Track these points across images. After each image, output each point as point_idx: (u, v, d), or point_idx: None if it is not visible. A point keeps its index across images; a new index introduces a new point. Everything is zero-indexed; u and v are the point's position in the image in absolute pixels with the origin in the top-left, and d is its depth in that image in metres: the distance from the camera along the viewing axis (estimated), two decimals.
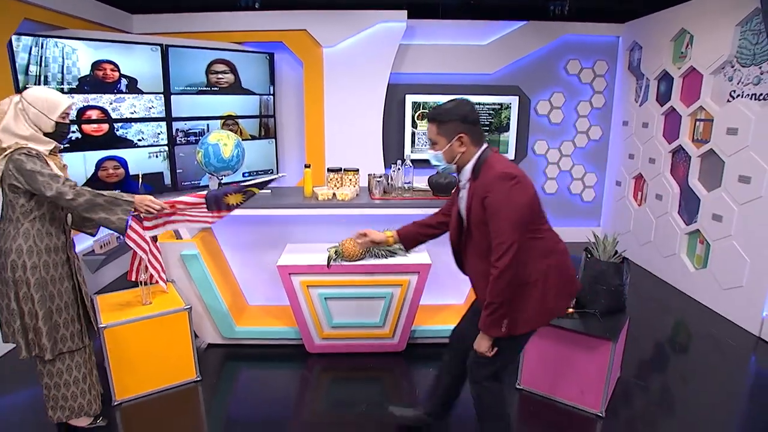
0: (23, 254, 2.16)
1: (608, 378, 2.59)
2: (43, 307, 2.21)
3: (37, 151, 2.15)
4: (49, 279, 2.23)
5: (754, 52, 3.65)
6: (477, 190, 1.92)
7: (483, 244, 1.93)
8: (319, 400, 2.89)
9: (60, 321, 2.28)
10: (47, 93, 2.22)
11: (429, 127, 2.01)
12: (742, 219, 3.73)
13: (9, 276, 2.17)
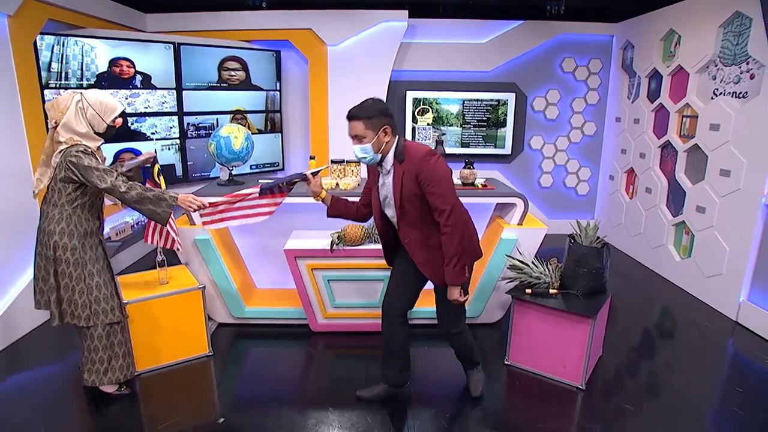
0: (65, 236, 2.44)
1: (588, 352, 2.81)
2: (80, 282, 2.48)
3: (90, 148, 2.43)
4: (87, 259, 2.50)
5: (734, 53, 3.85)
6: (407, 170, 2.24)
7: (415, 215, 2.30)
8: (321, 375, 3.13)
9: (100, 296, 2.54)
10: (106, 97, 2.49)
11: (353, 125, 2.28)
12: (723, 210, 3.94)
13: (51, 254, 2.44)
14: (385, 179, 2.38)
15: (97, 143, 2.49)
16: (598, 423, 2.63)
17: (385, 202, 2.44)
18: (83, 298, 2.50)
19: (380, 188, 2.43)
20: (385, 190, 2.40)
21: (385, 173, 2.38)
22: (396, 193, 2.30)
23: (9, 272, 3.39)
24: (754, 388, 2.96)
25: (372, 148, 2.28)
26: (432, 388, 2.93)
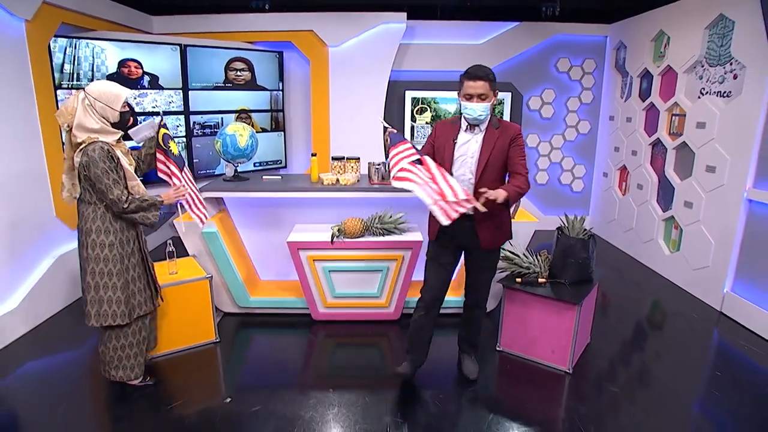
0: (102, 233, 2.52)
1: (574, 338, 2.98)
2: (122, 278, 2.58)
3: (108, 146, 2.45)
4: (125, 254, 2.60)
5: (719, 54, 4.00)
6: (503, 135, 2.55)
7: (491, 177, 2.57)
8: (322, 361, 3.29)
9: (135, 289, 2.68)
10: (109, 86, 2.48)
11: (482, 84, 2.45)
12: (709, 205, 4.10)
13: (89, 253, 2.53)
14: (470, 139, 2.58)
15: (115, 136, 2.50)
16: (584, 405, 2.79)
17: (461, 160, 2.59)
18: (125, 293, 2.61)
19: (457, 146, 2.59)
20: (467, 149, 2.58)
21: (467, 131, 2.58)
22: (486, 152, 2.54)
23: (23, 266, 3.56)
24: (732, 372, 3.12)
25: (488, 108, 2.50)
26: (426, 372, 3.08)
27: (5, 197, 3.33)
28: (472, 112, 2.51)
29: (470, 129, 2.60)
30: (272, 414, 2.65)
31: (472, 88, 2.48)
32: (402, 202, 3.69)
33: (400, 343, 3.47)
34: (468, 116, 2.54)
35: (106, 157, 2.42)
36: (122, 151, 2.57)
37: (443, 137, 2.65)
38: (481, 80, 2.46)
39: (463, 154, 2.60)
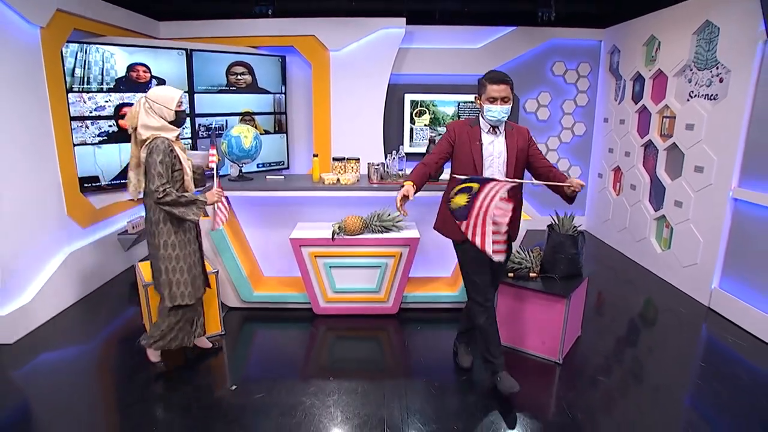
0: (167, 223, 2.78)
1: (564, 330, 3.12)
2: (186, 263, 2.87)
3: (169, 141, 2.71)
4: (185, 241, 2.86)
5: (706, 58, 4.15)
6: (519, 134, 2.73)
7: (519, 172, 2.73)
8: (323, 352, 3.43)
9: (195, 273, 2.94)
10: (164, 90, 2.77)
11: (506, 89, 2.59)
12: (697, 204, 4.23)
13: (156, 242, 2.80)
14: (495, 139, 2.70)
15: (174, 133, 2.77)
16: (572, 393, 2.92)
17: (489, 160, 2.69)
18: (186, 277, 2.87)
19: (484, 147, 2.69)
20: (493, 150, 2.69)
21: (489, 132, 2.70)
22: (512, 151, 2.69)
23: (36, 263, 3.71)
24: (717, 364, 3.26)
25: (509, 112, 2.64)
26: (423, 362, 3.24)
27: (19, 196, 3.48)
28: (496, 114, 2.61)
29: (492, 131, 2.70)
30: (275, 400, 2.79)
31: (496, 92, 2.58)
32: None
33: (398, 337, 3.61)
34: (492, 118, 2.63)
35: (165, 151, 2.68)
36: (180, 147, 2.83)
37: (464, 138, 2.71)
38: (504, 84, 2.59)
39: (490, 155, 2.70)
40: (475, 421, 2.65)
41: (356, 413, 2.68)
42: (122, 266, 4.81)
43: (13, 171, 3.41)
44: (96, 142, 4.45)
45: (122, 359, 3.27)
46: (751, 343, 3.50)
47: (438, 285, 4.01)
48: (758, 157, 3.61)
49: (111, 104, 4.51)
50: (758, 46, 3.54)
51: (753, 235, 3.67)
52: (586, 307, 3.68)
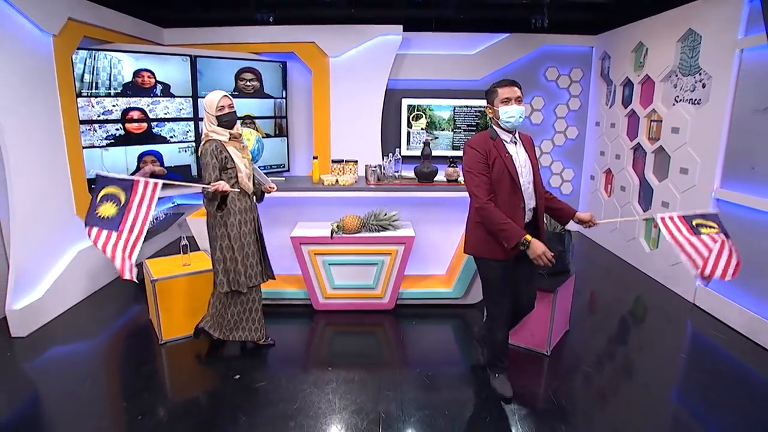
0: (225, 214, 2.99)
1: (551, 323, 3.27)
2: (241, 253, 3.07)
3: (220, 144, 2.94)
4: (242, 233, 3.07)
5: (690, 65, 4.32)
6: (527, 142, 2.75)
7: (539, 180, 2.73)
8: (323, 345, 3.59)
9: (252, 263, 3.14)
10: (209, 95, 2.99)
11: (516, 89, 2.60)
12: (683, 204, 4.39)
13: (215, 233, 3.03)
14: (517, 148, 2.66)
15: (224, 135, 2.97)
16: (559, 382, 3.08)
17: (522, 170, 2.62)
18: (244, 265, 3.09)
19: (514, 158, 2.61)
20: (519, 159, 2.63)
21: (511, 142, 2.65)
22: (533, 158, 2.70)
23: (47, 260, 3.87)
24: (696, 355, 3.42)
25: (524, 114, 2.65)
26: (417, 354, 3.39)
27: (31, 196, 3.64)
28: (515, 114, 2.55)
29: (512, 138, 2.65)
30: (276, 388, 2.95)
31: (509, 93, 2.56)
32: (396, 201, 4.00)
33: (394, 331, 3.76)
34: (510, 119, 2.57)
35: (213, 153, 2.92)
36: (236, 147, 3.04)
37: (493, 153, 2.60)
38: (515, 85, 2.60)
39: (521, 165, 2.63)
40: (465, 407, 2.81)
41: (353, 400, 2.83)
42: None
43: (27, 172, 3.58)
44: (103, 144, 4.62)
45: (129, 352, 3.43)
46: (730, 337, 3.66)
47: (432, 282, 4.17)
48: (737, 159, 3.78)
49: (118, 108, 4.68)
50: (735, 53, 3.71)
51: (733, 234, 3.81)
52: (576, 304, 3.85)
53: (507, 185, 2.59)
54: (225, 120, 2.99)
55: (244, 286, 3.11)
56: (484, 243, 2.70)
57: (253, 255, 3.16)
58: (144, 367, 3.19)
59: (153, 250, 5.43)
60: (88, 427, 2.61)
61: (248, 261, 3.13)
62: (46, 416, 2.74)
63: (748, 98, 3.66)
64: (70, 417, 2.69)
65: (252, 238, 3.15)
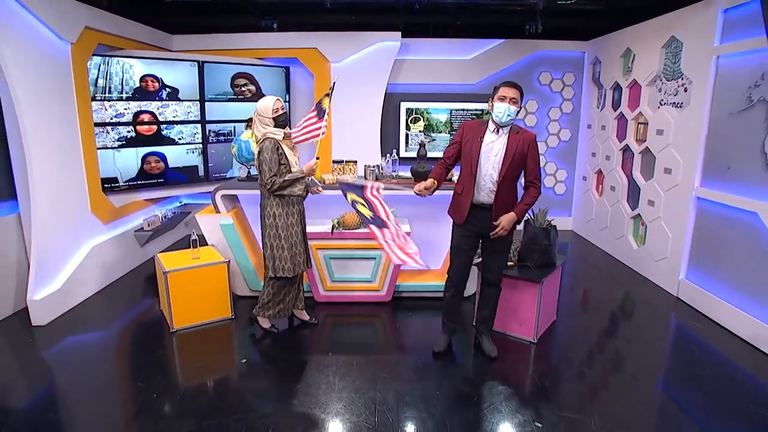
0: (274, 207, 3.37)
1: (538, 312, 3.49)
2: (288, 242, 3.42)
3: (275, 140, 3.27)
4: (289, 224, 3.43)
5: (673, 70, 4.55)
6: (522, 139, 3.01)
7: (511, 174, 3.04)
8: (323, 334, 3.81)
9: (296, 251, 3.48)
10: (262, 101, 3.34)
11: (515, 91, 2.96)
12: (667, 203, 4.62)
13: (265, 222, 3.40)
14: (496, 139, 3.02)
15: (279, 134, 3.31)
16: (544, 366, 3.30)
17: (486, 156, 3.01)
18: (290, 253, 3.43)
19: (484, 145, 3.02)
20: (491, 148, 3.01)
21: (497, 135, 3.02)
22: (509, 154, 2.99)
23: (63, 254, 4.11)
24: (676, 344, 3.64)
25: (515, 114, 2.98)
26: (412, 343, 3.61)
27: (51, 194, 3.88)
28: (502, 111, 2.92)
29: (497, 131, 3.01)
30: (280, 371, 3.18)
31: (506, 92, 2.94)
32: (393, 199, 4.20)
33: (391, 322, 3.98)
34: (498, 115, 2.94)
35: (273, 149, 3.26)
36: (288, 146, 3.38)
37: (470, 135, 3.06)
38: (515, 88, 2.97)
39: (488, 153, 3.01)
40: (455, 388, 3.03)
41: (351, 381, 3.05)
42: (139, 260, 5.21)
43: (47, 171, 3.82)
44: (115, 146, 4.86)
45: (142, 340, 3.66)
46: (707, 326, 3.87)
47: (428, 276, 4.40)
48: (715, 159, 4.00)
49: (129, 111, 4.93)
50: (712, 60, 3.94)
51: (713, 230, 4.05)
52: (565, 297, 4.07)
53: (467, 165, 3.09)
54: (281, 120, 3.35)
55: (290, 271, 3.44)
56: (451, 206, 3.29)
57: (299, 245, 3.49)
58: (157, 353, 3.42)
59: (161, 246, 5.66)
60: (108, 403, 2.84)
61: (294, 250, 3.45)
62: (70, 393, 2.97)
63: (724, 102, 3.88)
64: (91, 395, 2.91)
65: (298, 229, 3.49)
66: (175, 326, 3.69)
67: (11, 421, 2.66)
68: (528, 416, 2.73)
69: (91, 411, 2.76)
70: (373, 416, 2.71)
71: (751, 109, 3.58)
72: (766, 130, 3.45)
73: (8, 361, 3.34)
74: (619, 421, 2.68)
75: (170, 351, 3.48)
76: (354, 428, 2.61)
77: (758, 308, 3.53)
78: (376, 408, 2.78)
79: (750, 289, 3.62)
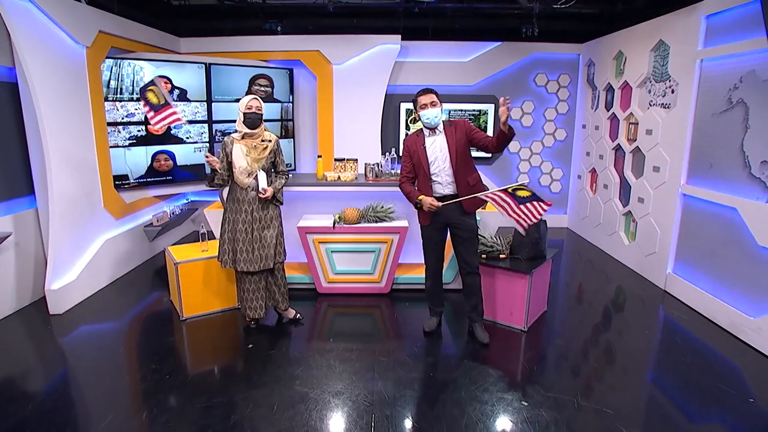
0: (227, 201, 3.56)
1: (528, 302, 3.69)
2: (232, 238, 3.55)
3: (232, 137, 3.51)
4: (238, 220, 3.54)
5: (661, 72, 4.74)
6: (458, 128, 3.35)
7: (463, 161, 3.34)
8: (325, 323, 4.02)
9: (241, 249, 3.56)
10: (244, 97, 3.47)
11: (432, 96, 3.30)
12: (656, 200, 4.80)
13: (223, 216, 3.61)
14: (434, 140, 3.34)
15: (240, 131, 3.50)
16: (532, 351, 3.50)
17: (434, 156, 3.33)
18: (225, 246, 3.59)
19: (428, 149, 3.34)
20: (435, 149, 3.33)
21: (433, 135, 3.36)
22: (452, 145, 3.31)
23: (79, 247, 4.33)
24: (660, 333, 3.83)
25: (440, 112, 3.31)
26: (409, 331, 3.81)
27: (68, 190, 4.10)
28: (430, 116, 3.30)
29: (432, 133, 3.35)
30: (284, 355, 3.39)
31: (425, 99, 3.31)
32: (392, 195, 4.42)
33: (390, 313, 4.18)
34: (427, 121, 3.32)
35: (222, 146, 3.54)
36: (248, 145, 3.48)
37: (414, 147, 3.40)
38: (430, 92, 3.31)
39: (434, 153, 3.35)
40: (448, 371, 3.23)
41: (351, 364, 3.25)
42: (148, 254, 5.43)
43: (64, 168, 4.03)
44: (126, 144, 5.08)
45: (154, 327, 3.87)
46: (692, 317, 4.06)
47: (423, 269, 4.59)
48: (700, 158, 4.19)
49: (140, 112, 5.14)
50: (696, 63, 4.13)
51: (698, 225, 4.23)
52: (557, 290, 4.26)
53: (422, 172, 3.40)
54: (248, 118, 3.45)
55: (226, 264, 3.57)
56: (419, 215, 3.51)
57: (243, 242, 3.53)
58: (168, 339, 3.63)
59: (169, 242, 5.87)
60: (125, 381, 3.06)
61: (238, 246, 3.53)
62: (88, 374, 3.18)
63: (707, 103, 4.07)
64: (108, 375, 3.13)
65: (244, 227, 3.52)
66: (185, 314, 3.90)
67: (36, 399, 2.87)
68: (515, 396, 2.93)
69: (109, 389, 2.98)
70: (371, 395, 2.91)
71: (731, 110, 3.77)
72: (744, 130, 3.64)
73: (29, 346, 3.56)
74: (598, 400, 2.88)
75: (181, 337, 3.69)
76: (353, 405, 2.81)
77: (736, 298, 3.72)
78: (374, 388, 2.98)
79: (729, 280, 3.81)
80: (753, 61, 3.56)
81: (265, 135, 3.57)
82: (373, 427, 2.62)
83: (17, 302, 4.04)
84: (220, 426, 2.61)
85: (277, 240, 3.65)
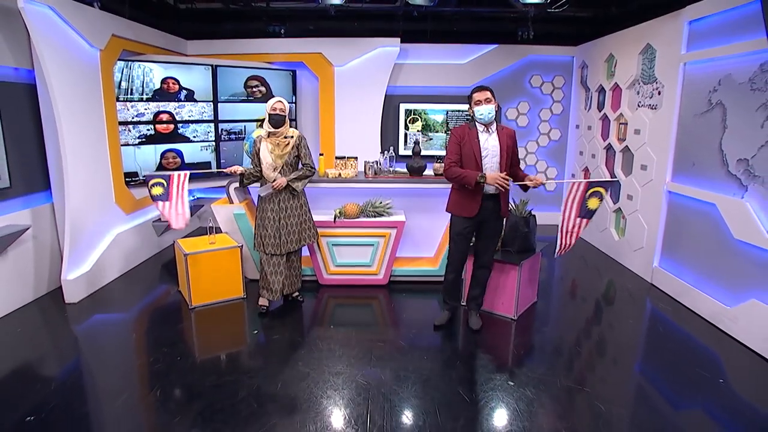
0: None
1: (518, 292, 3.90)
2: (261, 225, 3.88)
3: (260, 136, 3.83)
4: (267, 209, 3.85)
5: (649, 74, 4.94)
6: (507, 133, 3.49)
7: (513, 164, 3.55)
8: (326, 312, 4.23)
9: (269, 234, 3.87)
10: (270, 99, 3.81)
11: (488, 93, 3.39)
12: (643, 197, 5.01)
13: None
14: (489, 137, 3.45)
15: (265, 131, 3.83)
16: (521, 338, 3.71)
17: (486, 152, 3.43)
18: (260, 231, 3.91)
19: (483, 143, 3.43)
20: (488, 144, 3.43)
21: (488, 132, 3.45)
22: (504, 144, 3.44)
23: (91, 241, 4.55)
24: (644, 323, 4.04)
25: (494, 110, 3.41)
26: (406, 319, 4.02)
27: (81, 186, 4.32)
28: (484, 112, 3.37)
29: (486, 130, 3.46)
30: (288, 340, 3.61)
31: (480, 95, 3.39)
32: (390, 192, 4.65)
33: (387, 303, 4.39)
34: (481, 117, 3.39)
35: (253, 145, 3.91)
36: (273, 143, 3.78)
37: (467, 137, 3.44)
38: (486, 90, 3.41)
39: (486, 149, 3.44)
40: (441, 355, 3.45)
41: (351, 349, 3.47)
42: (156, 249, 5.65)
43: (79, 165, 4.26)
44: (136, 143, 5.30)
45: (164, 315, 4.10)
46: (676, 309, 4.26)
47: (422, 262, 4.81)
48: (683, 156, 4.39)
49: (149, 111, 5.37)
50: (680, 66, 4.34)
51: (683, 221, 4.44)
52: (548, 283, 4.46)
53: (472, 162, 3.43)
54: (273, 119, 3.75)
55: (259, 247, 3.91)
56: (457, 204, 3.56)
57: (271, 229, 3.84)
58: (178, 326, 3.85)
59: (176, 237, 6.08)
60: (139, 363, 3.29)
61: (265, 232, 3.85)
62: (105, 357, 3.40)
63: (690, 105, 4.28)
64: (123, 357, 3.36)
65: (272, 215, 3.83)
66: (193, 303, 4.11)
67: (58, 380, 3.09)
68: (503, 378, 3.14)
69: (124, 370, 3.20)
70: (368, 375, 3.12)
71: (711, 111, 3.98)
72: (722, 130, 3.84)
73: (47, 332, 3.78)
74: (579, 379, 3.10)
75: (189, 324, 3.91)
76: (352, 384, 3.03)
77: (716, 289, 3.93)
78: (371, 369, 3.20)
79: (710, 272, 4.01)
80: (730, 66, 3.77)
81: (288, 132, 3.84)
82: (370, 402, 2.84)
83: (35, 291, 4.26)
84: (229, 401, 2.83)
85: (300, 227, 3.96)
